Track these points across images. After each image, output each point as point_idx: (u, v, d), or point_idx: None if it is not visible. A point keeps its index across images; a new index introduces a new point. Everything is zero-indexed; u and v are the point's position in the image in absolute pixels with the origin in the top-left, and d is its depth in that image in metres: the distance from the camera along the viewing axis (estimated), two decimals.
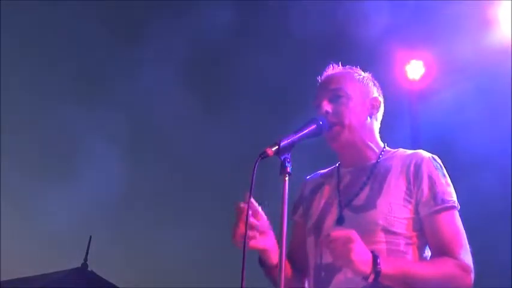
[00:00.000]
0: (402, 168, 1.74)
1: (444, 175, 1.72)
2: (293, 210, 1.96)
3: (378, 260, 1.48)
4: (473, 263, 1.62)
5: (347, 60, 1.95)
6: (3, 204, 6.80)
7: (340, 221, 1.72)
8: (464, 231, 1.67)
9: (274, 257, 1.71)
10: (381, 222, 1.65)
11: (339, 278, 1.64)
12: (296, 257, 1.85)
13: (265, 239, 1.69)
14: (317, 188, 1.92)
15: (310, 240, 1.81)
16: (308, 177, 2.02)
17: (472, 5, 5.26)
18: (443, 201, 1.66)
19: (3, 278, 7.38)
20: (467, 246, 1.64)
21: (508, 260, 5.17)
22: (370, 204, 1.69)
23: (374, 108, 1.88)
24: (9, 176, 7.11)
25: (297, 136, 1.60)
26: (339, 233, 1.51)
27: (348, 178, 1.84)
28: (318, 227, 1.78)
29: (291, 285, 1.71)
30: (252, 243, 1.63)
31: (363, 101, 1.85)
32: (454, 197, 1.70)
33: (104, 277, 8.19)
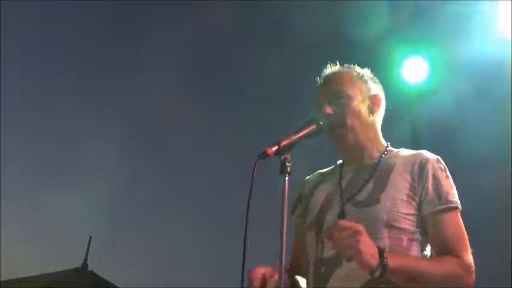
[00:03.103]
0: (406, 166, 1.74)
1: (448, 176, 1.73)
2: (291, 211, 1.95)
3: (385, 254, 1.47)
4: (474, 263, 1.63)
5: (347, 60, 1.95)
6: (4, 204, 6.80)
7: (341, 216, 1.72)
8: (465, 232, 1.68)
9: None
10: (384, 217, 1.65)
11: (340, 272, 1.63)
12: (302, 262, 1.82)
13: None
14: (317, 185, 1.92)
15: (311, 235, 1.79)
16: (307, 177, 2.02)
17: (472, 5, 5.26)
18: (447, 201, 1.67)
19: (3, 278, 7.38)
20: (469, 246, 1.65)
21: (508, 259, 5.17)
22: (373, 199, 1.69)
23: (375, 105, 1.88)
24: (10, 176, 7.11)
25: (297, 136, 1.59)
26: (346, 223, 1.49)
27: (350, 175, 1.83)
28: (319, 221, 1.77)
29: None
30: None
31: (363, 100, 1.85)
32: (457, 199, 1.71)
33: (104, 277, 8.20)
